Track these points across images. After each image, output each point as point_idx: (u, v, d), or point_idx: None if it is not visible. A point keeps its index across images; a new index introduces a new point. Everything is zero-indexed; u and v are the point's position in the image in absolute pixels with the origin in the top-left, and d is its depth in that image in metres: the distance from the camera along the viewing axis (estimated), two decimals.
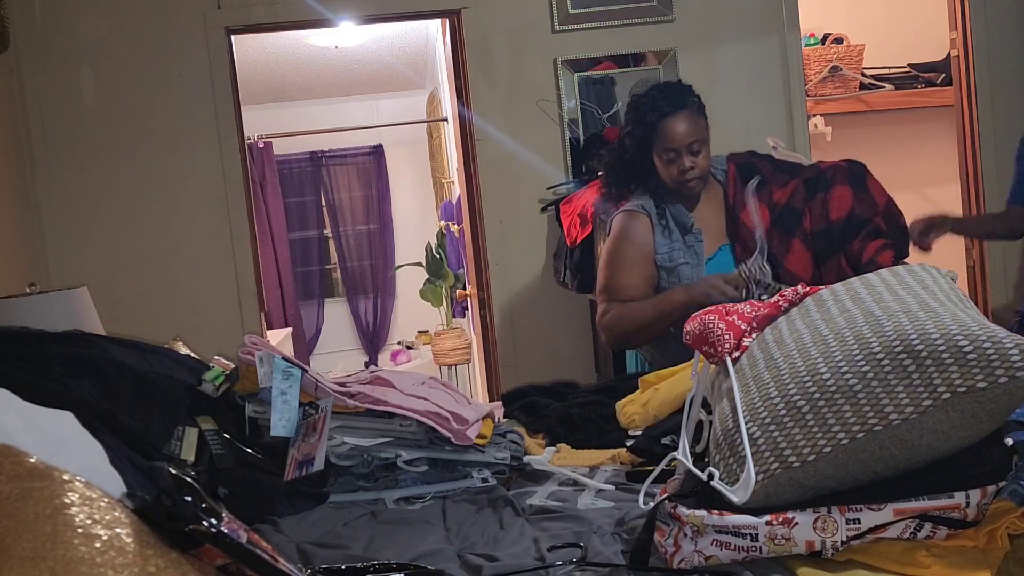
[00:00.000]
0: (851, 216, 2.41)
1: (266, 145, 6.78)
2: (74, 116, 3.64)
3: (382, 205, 7.48)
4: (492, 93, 3.83)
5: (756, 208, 2.42)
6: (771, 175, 2.53)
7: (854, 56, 4.67)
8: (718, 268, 2.47)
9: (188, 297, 3.71)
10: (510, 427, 1.98)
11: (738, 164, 2.57)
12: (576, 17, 3.82)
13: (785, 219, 2.45)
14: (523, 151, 3.79)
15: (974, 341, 1.16)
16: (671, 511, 1.26)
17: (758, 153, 2.63)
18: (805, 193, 2.46)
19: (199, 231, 3.74)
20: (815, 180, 2.48)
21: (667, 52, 3.83)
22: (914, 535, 1.18)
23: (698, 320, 1.50)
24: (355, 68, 6.45)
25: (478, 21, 3.81)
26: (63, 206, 3.65)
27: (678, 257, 2.47)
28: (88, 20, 3.64)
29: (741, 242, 2.46)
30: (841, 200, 2.43)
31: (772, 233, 2.43)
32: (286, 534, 1.58)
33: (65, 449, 1.02)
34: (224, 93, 3.71)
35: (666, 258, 2.47)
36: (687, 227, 2.48)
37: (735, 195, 2.50)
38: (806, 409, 1.22)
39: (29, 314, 2.49)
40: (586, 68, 3.83)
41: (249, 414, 1.82)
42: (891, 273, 1.44)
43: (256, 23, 3.77)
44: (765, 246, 2.35)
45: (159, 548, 0.92)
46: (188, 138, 3.71)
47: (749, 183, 2.47)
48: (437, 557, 1.38)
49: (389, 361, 7.17)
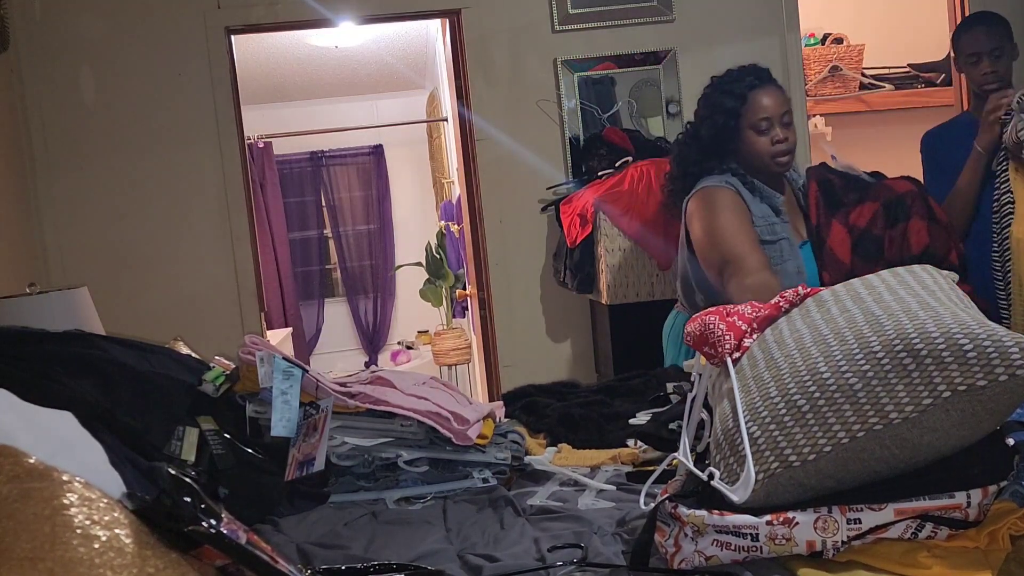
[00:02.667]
0: (926, 251, 2.36)
1: (266, 145, 6.78)
2: (74, 116, 3.64)
3: (382, 205, 7.48)
4: (492, 93, 3.83)
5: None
6: (845, 194, 2.46)
7: (854, 56, 4.67)
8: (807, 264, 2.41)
9: (188, 297, 3.71)
10: (511, 427, 1.98)
11: (818, 182, 2.49)
12: (576, 17, 3.82)
13: (866, 245, 2.39)
14: (523, 151, 3.79)
15: (974, 339, 1.16)
16: (671, 511, 1.26)
17: (830, 168, 2.58)
18: (885, 220, 2.40)
19: (199, 231, 3.74)
20: (894, 206, 2.42)
21: (667, 52, 3.83)
22: (915, 536, 1.18)
23: (699, 321, 1.50)
24: (355, 68, 6.45)
25: (478, 21, 3.80)
26: (63, 206, 3.65)
27: (780, 231, 2.35)
28: (88, 20, 3.64)
29: (829, 268, 2.39)
30: (919, 234, 2.38)
31: (853, 259, 2.37)
32: (286, 534, 1.58)
33: (65, 449, 1.02)
34: (224, 93, 3.71)
35: (767, 230, 2.33)
36: (777, 208, 2.38)
37: (819, 217, 2.43)
38: (806, 408, 1.22)
39: (29, 314, 2.49)
40: (586, 68, 3.83)
41: (249, 414, 1.82)
42: (891, 274, 1.45)
43: (256, 23, 3.77)
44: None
45: (158, 549, 0.92)
46: (188, 138, 3.70)
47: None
48: (437, 557, 1.38)
49: (389, 361, 7.17)
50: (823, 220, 2.44)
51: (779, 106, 2.37)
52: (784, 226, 2.39)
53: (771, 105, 2.36)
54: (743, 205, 2.34)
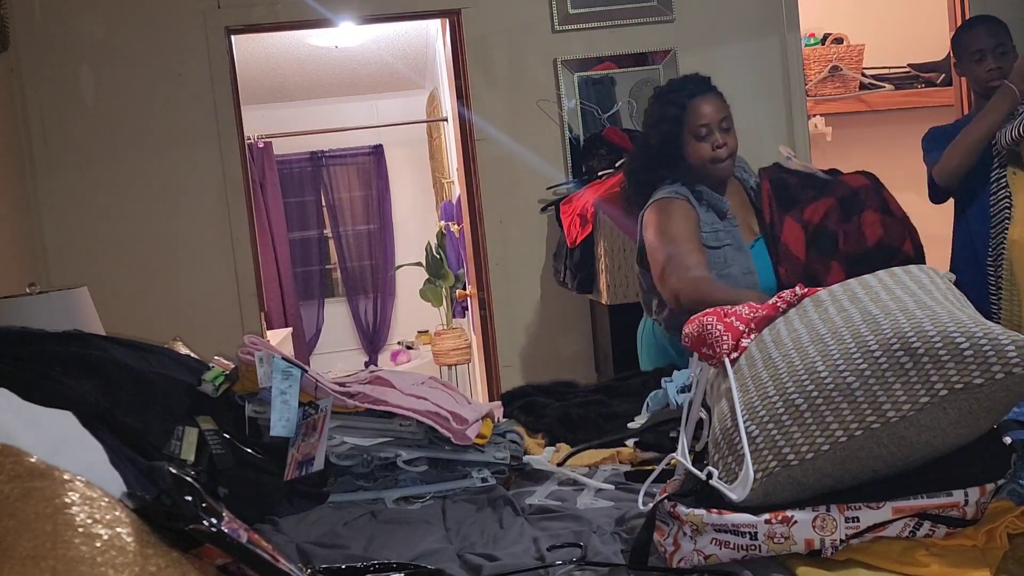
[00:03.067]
0: (880, 243, 2.42)
1: (266, 145, 6.78)
2: (74, 116, 3.65)
3: (382, 205, 7.48)
4: (492, 93, 3.83)
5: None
6: (800, 192, 2.52)
7: (854, 56, 4.67)
8: (757, 260, 2.47)
9: (188, 297, 3.72)
10: (510, 427, 1.98)
11: (771, 180, 2.56)
12: (576, 17, 3.82)
13: (821, 239, 2.45)
14: (523, 151, 3.80)
15: (971, 338, 1.16)
16: (670, 510, 1.26)
17: (785, 167, 2.63)
18: (839, 215, 2.46)
19: (199, 231, 3.74)
20: (849, 200, 2.47)
21: (667, 52, 3.83)
22: (913, 534, 1.18)
23: (696, 322, 1.50)
24: (355, 68, 6.46)
25: (478, 21, 3.81)
26: (63, 206, 3.65)
27: (724, 238, 2.46)
28: (88, 20, 3.64)
29: (784, 263, 2.45)
30: (873, 227, 2.43)
31: (809, 254, 2.43)
32: (286, 534, 1.58)
33: (65, 449, 1.02)
34: (224, 93, 3.72)
35: (712, 237, 2.44)
36: (723, 212, 2.48)
37: (772, 214, 2.51)
38: (804, 408, 1.22)
39: (29, 314, 2.49)
40: (586, 68, 3.84)
41: (249, 414, 1.82)
42: (888, 274, 1.45)
43: (256, 23, 3.77)
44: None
45: (159, 548, 0.92)
46: (188, 138, 3.71)
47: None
48: (437, 557, 1.39)
49: (389, 361, 7.18)
50: (776, 218, 2.50)
51: (717, 112, 2.46)
52: (729, 232, 2.48)
53: (710, 112, 2.46)
54: (693, 213, 2.45)
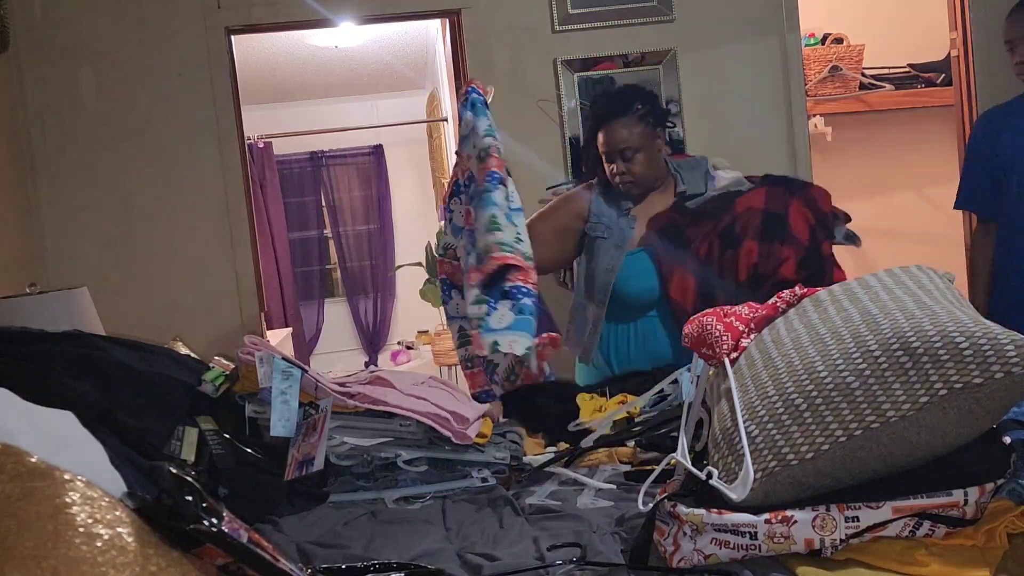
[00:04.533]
0: (753, 276, 2.42)
1: (266, 145, 6.78)
2: (74, 116, 3.64)
3: (382, 205, 7.48)
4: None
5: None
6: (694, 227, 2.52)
7: (854, 56, 4.67)
8: (637, 264, 2.55)
9: (188, 297, 3.71)
10: (510, 427, 1.98)
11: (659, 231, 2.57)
12: (576, 17, 3.82)
13: (707, 282, 2.46)
14: (523, 151, 3.79)
15: (970, 338, 1.16)
16: (670, 510, 1.26)
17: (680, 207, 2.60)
18: (720, 250, 2.47)
19: (199, 231, 3.74)
20: (727, 233, 2.47)
21: (667, 52, 3.83)
22: (913, 533, 1.18)
23: (696, 322, 1.50)
24: (355, 68, 6.45)
25: (478, 21, 3.81)
26: (63, 206, 3.65)
27: (604, 232, 2.59)
28: (88, 20, 3.64)
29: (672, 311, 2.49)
30: (748, 256, 2.43)
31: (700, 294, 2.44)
32: (286, 534, 1.58)
33: (66, 449, 1.03)
34: (224, 93, 3.71)
35: (593, 227, 2.63)
36: (622, 209, 2.62)
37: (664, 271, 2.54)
38: (804, 408, 1.22)
39: (29, 314, 2.49)
40: (586, 68, 3.84)
41: (249, 414, 1.82)
42: (888, 274, 1.45)
43: (256, 23, 3.77)
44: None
45: (160, 547, 0.92)
46: (188, 138, 3.70)
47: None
48: (437, 557, 1.39)
49: (389, 361, 7.17)
50: (667, 274, 2.52)
51: (619, 142, 2.57)
52: (617, 229, 2.60)
53: (609, 141, 2.58)
54: (582, 204, 2.66)
